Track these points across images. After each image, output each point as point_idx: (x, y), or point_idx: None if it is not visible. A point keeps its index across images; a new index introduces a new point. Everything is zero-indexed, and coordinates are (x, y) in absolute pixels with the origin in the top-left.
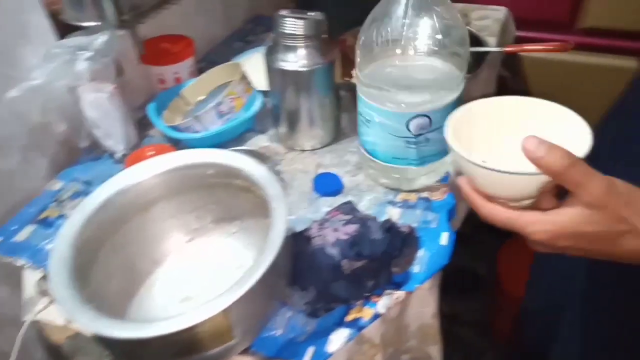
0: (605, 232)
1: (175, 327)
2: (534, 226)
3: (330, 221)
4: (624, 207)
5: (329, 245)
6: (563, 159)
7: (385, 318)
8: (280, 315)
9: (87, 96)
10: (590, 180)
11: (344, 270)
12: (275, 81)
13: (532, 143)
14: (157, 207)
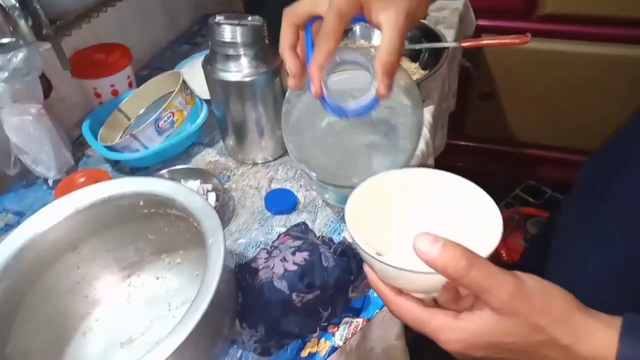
0: (522, 343)
1: None
2: (446, 334)
3: (278, 249)
4: (539, 314)
5: (277, 278)
6: (460, 261)
7: (344, 350)
8: (229, 356)
9: (9, 120)
10: (496, 284)
11: (294, 303)
12: (217, 92)
13: (424, 243)
14: (88, 245)
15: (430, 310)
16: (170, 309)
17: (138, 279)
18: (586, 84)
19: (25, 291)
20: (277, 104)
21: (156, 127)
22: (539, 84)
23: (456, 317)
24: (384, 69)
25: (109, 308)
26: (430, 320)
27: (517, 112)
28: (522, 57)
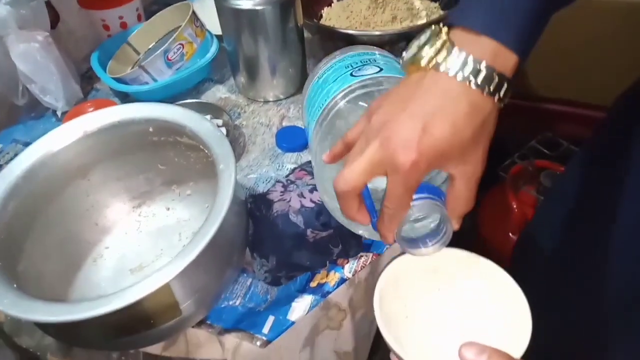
0: None
1: (105, 309)
2: None
3: (295, 183)
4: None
5: (293, 212)
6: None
7: (353, 282)
8: (239, 283)
9: (16, 47)
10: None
11: (308, 239)
12: (228, 23)
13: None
14: (97, 171)
15: None
16: (180, 239)
17: (149, 209)
18: (611, 38)
19: (36, 212)
20: (291, 38)
21: (165, 59)
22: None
23: None
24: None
25: (119, 236)
26: None
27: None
28: None
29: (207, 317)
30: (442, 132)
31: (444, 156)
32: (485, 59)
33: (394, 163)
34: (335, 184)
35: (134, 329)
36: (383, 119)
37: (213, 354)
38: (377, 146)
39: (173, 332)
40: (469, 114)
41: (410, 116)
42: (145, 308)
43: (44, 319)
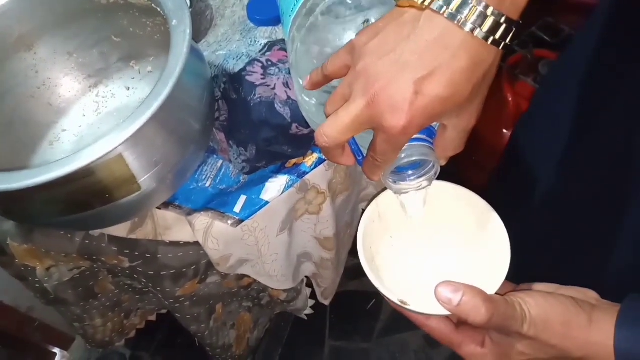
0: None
1: (50, 176)
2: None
3: (277, 66)
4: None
5: (280, 102)
6: (480, 310)
7: (332, 163)
8: (208, 165)
9: None
10: (511, 322)
11: (292, 133)
12: None
13: (445, 292)
14: (44, 43)
15: (460, 335)
16: None
17: (106, 89)
18: None
19: None
20: None
21: None
22: None
23: (482, 344)
24: (447, 159)
25: (76, 118)
26: (460, 346)
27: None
28: None
29: (175, 199)
30: (437, 93)
31: (436, 116)
32: (492, 4)
33: (382, 125)
34: (317, 138)
35: (88, 203)
36: (370, 69)
37: (183, 236)
38: (364, 105)
39: (135, 210)
40: (469, 68)
41: (401, 71)
42: (97, 179)
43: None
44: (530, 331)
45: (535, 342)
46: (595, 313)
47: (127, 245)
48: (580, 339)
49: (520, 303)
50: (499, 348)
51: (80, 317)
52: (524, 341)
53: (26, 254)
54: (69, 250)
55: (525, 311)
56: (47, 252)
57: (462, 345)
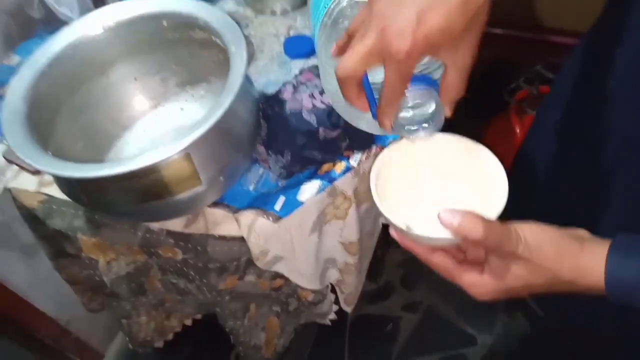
0: (533, 283)
1: (137, 165)
2: (475, 289)
3: (305, 85)
4: (541, 258)
5: (306, 110)
6: (478, 229)
7: (358, 171)
8: (251, 173)
9: None
10: (507, 243)
11: (319, 136)
12: None
13: (447, 216)
14: (117, 68)
15: (461, 267)
16: None
17: (164, 109)
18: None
19: (61, 100)
20: None
21: None
22: None
23: (481, 272)
24: (452, 103)
25: (138, 134)
26: (461, 277)
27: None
28: None
29: (223, 199)
30: (436, 22)
31: (436, 45)
32: None
33: (390, 51)
34: (336, 71)
35: (158, 194)
36: (382, 9)
37: (230, 230)
38: (374, 36)
39: (192, 206)
40: (463, 5)
41: (406, 6)
42: (168, 173)
43: (77, 174)
44: (524, 253)
45: (529, 264)
46: (587, 242)
47: (182, 238)
48: (572, 262)
49: (515, 228)
50: (496, 273)
51: (128, 312)
52: (519, 263)
53: (93, 246)
54: (132, 242)
55: (520, 234)
56: (111, 245)
57: (462, 275)
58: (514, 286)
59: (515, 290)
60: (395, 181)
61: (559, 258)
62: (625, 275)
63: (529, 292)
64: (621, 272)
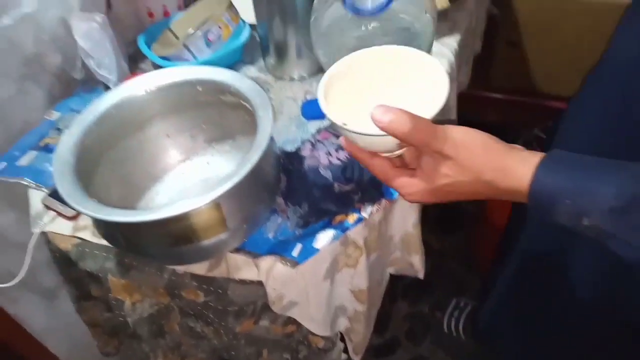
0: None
1: (173, 212)
2: (406, 189)
3: (322, 143)
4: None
5: (322, 167)
6: (405, 124)
7: (368, 222)
8: (271, 221)
9: (79, 26)
10: (433, 139)
11: (334, 190)
12: (261, 8)
13: (379, 112)
14: (153, 126)
15: (396, 170)
16: None
17: (192, 163)
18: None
19: (102, 152)
20: None
21: (206, 39)
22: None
23: (412, 175)
24: None
25: (167, 185)
26: (394, 178)
27: (543, 63)
28: (551, 6)
29: (244, 246)
30: None
31: None
32: None
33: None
34: None
35: (188, 239)
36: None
37: (250, 275)
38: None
39: (216, 250)
40: None
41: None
42: (198, 219)
43: (122, 219)
44: (450, 151)
45: (455, 162)
46: (517, 149)
47: (205, 281)
48: (496, 163)
49: (444, 128)
50: (425, 173)
51: (146, 354)
52: (447, 162)
53: (121, 287)
54: (158, 284)
55: (447, 134)
56: (138, 287)
57: (395, 177)
58: (440, 185)
59: (443, 192)
60: (342, 88)
61: (484, 157)
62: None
63: (456, 194)
64: (549, 177)
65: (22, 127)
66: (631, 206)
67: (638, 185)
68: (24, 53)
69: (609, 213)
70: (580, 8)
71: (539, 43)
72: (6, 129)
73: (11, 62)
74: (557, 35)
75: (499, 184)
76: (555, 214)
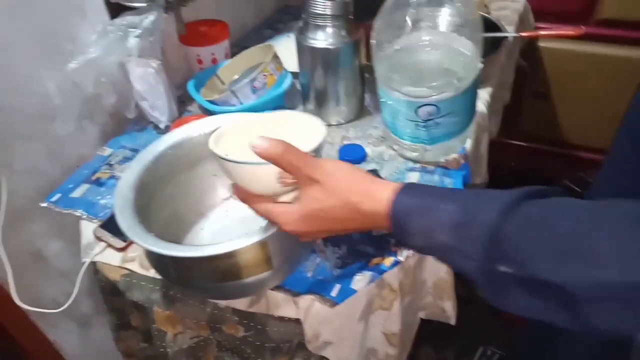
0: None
1: (227, 249)
2: (283, 217)
3: None
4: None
5: None
6: (279, 147)
7: (404, 266)
8: (309, 261)
9: (136, 70)
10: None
11: (372, 233)
12: (305, 59)
13: (258, 140)
14: (202, 165)
15: (276, 204)
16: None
17: (234, 201)
18: None
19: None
20: (355, 74)
21: (252, 86)
22: (593, 88)
23: (289, 204)
24: None
25: (211, 221)
26: (274, 209)
27: (570, 114)
28: (577, 60)
29: (284, 284)
30: None
31: None
32: None
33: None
34: None
35: (235, 275)
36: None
37: (289, 312)
38: None
39: (259, 288)
40: None
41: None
42: (246, 257)
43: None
44: (320, 176)
45: (325, 186)
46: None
47: (245, 316)
48: (361, 187)
49: (315, 158)
50: (299, 200)
51: None
52: (316, 185)
53: (165, 319)
54: (200, 317)
55: (318, 162)
56: (181, 319)
57: (275, 207)
58: (312, 209)
59: (316, 217)
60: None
61: (350, 182)
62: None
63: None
64: (406, 199)
65: (76, 161)
66: (470, 221)
67: (477, 201)
68: (84, 94)
69: (453, 228)
70: (606, 61)
71: (565, 94)
72: (63, 163)
73: (73, 102)
74: (584, 87)
75: (364, 207)
76: (411, 232)
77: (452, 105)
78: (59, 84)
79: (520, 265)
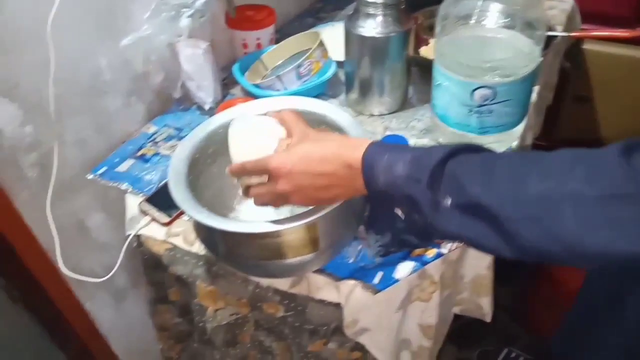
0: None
1: (281, 227)
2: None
3: None
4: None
5: None
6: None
7: (446, 259)
8: (352, 247)
9: (185, 50)
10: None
11: (417, 223)
12: (352, 47)
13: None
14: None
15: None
16: None
17: None
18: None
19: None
20: (401, 65)
21: (298, 72)
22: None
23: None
24: None
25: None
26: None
27: (610, 119)
28: (621, 63)
29: (326, 268)
30: None
31: None
32: None
33: None
34: None
35: (281, 254)
36: None
37: (330, 296)
38: None
39: (302, 269)
40: None
41: None
42: (296, 237)
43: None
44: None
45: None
46: None
47: (286, 297)
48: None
49: None
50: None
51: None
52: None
53: (207, 294)
54: (242, 294)
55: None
56: (223, 295)
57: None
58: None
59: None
60: None
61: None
62: (380, 147)
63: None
64: (378, 146)
65: (122, 136)
66: (423, 155)
67: (433, 147)
68: (134, 71)
69: (409, 162)
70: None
71: (607, 98)
72: (109, 137)
73: (123, 78)
74: (626, 92)
75: (344, 155)
76: (377, 171)
77: (509, 92)
78: (110, 60)
79: (457, 192)
